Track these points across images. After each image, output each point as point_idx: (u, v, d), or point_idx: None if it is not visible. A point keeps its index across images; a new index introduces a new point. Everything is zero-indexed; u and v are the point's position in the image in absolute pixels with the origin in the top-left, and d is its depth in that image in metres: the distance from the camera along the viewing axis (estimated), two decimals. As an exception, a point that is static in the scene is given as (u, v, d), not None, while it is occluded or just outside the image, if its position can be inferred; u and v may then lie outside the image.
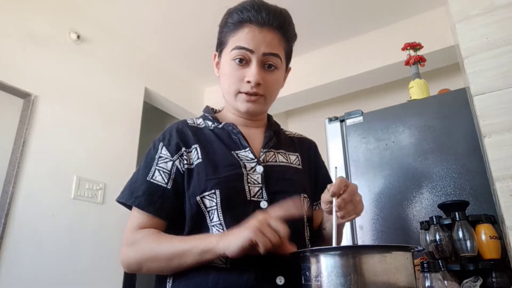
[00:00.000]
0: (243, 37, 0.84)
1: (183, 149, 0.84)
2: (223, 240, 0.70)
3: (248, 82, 0.84)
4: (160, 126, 3.64)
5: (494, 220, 1.04)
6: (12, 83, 2.11)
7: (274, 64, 0.86)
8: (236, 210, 0.79)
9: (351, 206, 0.74)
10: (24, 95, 2.18)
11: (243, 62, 0.84)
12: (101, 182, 2.46)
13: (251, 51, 0.83)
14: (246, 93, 0.85)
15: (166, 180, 0.81)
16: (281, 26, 0.86)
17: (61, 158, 2.27)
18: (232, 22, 0.86)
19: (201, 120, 0.94)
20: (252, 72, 0.83)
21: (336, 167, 0.77)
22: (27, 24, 2.26)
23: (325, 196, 0.78)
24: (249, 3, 0.86)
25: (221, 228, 0.78)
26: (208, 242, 0.72)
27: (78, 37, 2.52)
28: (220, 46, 0.91)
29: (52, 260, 2.10)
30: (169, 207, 0.81)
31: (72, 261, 2.19)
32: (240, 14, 0.85)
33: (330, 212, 0.78)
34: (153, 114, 3.40)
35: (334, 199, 0.73)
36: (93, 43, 2.66)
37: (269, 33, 0.85)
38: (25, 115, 2.15)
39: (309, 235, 0.88)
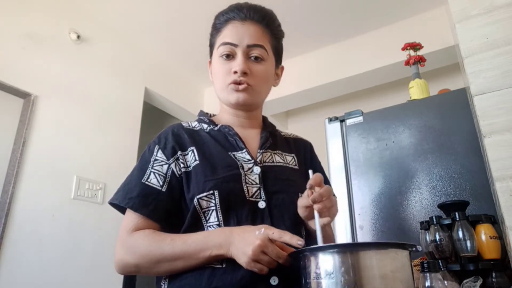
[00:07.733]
0: (227, 34, 0.89)
1: (179, 152, 0.85)
2: (232, 252, 0.72)
3: (235, 72, 0.86)
4: (160, 126, 3.64)
5: (494, 220, 1.05)
6: (12, 83, 2.11)
7: (259, 55, 0.88)
8: (235, 210, 0.79)
9: (329, 203, 0.74)
10: (24, 95, 2.18)
11: (230, 57, 0.88)
12: (101, 182, 2.46)
13: (235, 45, 0.87)
14: (234, 83, 0.87)
15: (161, 183, 0.81)
16: (263, 18, 0.90)
17: (61, 158, 2.27)
18: (218, 23, 0.92)
19: (196, 123, 0.95)
20: (237, 62, 0.86)
21: (310, 171, 0.77)
22: (27, 24, 2.26)
23: (301, 200, 0.79)
24: (234, 4, 0.91)
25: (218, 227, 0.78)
26: (216, 249, 0.73)
27: (78, 37, 2.52)
28: (211, 49, 0.95)
29: (52, 260, 2.09)
30: (163, 209, 0.81)
31: (72, 261, 2.19)
32: (225, 14, 0.90)
33: (308, 218, 0.79)
34: (153, 114, 3.40)
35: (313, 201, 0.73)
36: (93, 43, 2.66)
37: (251, 26, 0.89)
38: (25, 115, 2.15)
39: (305, 234, 0.88)
